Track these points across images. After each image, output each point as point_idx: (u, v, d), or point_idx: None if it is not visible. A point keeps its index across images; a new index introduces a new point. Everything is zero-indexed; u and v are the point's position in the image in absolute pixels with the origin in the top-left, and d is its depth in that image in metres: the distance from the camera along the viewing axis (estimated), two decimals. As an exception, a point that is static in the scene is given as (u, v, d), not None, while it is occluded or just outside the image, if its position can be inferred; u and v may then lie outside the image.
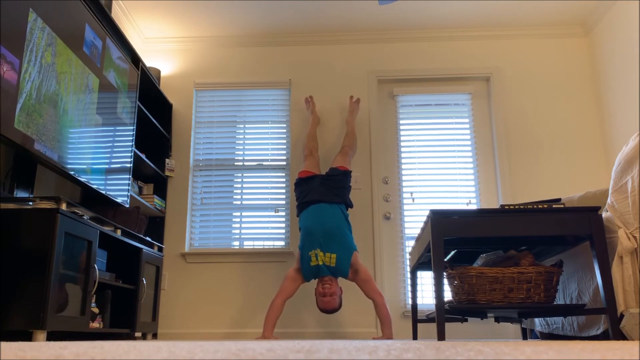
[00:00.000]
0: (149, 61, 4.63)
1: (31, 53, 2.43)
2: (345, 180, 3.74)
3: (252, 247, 4.30)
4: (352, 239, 3.56)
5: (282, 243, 4.30)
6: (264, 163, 4.46)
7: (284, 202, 4.36)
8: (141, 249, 3.43)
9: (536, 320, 3.02)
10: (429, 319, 2.93)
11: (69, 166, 2.75)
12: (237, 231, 4.34)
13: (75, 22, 2.86)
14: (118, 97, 3.40)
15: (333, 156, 4.28)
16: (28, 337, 2.38)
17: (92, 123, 3.04)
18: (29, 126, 2.41)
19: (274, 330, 3.47)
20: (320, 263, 3.43)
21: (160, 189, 4.29)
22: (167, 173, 4.30)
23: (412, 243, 3.94)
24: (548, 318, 2.85)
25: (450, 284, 2.45)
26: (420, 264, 3.09)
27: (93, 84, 3.05)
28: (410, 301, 4.04)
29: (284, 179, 4.41)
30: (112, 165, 3.28)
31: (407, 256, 4.18)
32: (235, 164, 4.47)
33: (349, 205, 3.70)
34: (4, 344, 1.54)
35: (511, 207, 2.29)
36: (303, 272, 3.48)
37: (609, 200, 2.28)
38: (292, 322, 4.07)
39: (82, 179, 2.88)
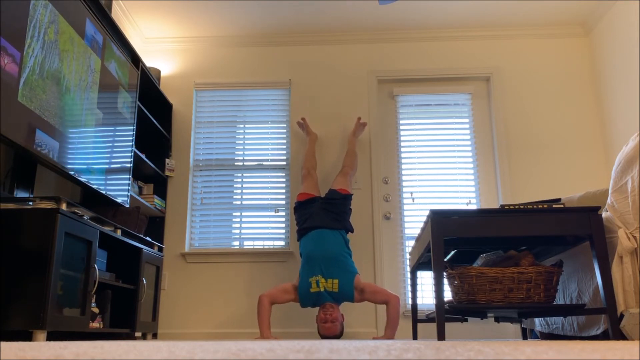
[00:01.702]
0: (149, 61, 4.63)
1: (34, 29, 2.45)
2: (345, 204, 3.71)
3: (252, 247, 4.30)
4: (353, 264, 3.54)
5: (282, 243, 4.30)
6: (264, 163, 4.46)
7: (284, 202, 4.36)
8: (141, 249, 3.43)
9: (536, 320, 3.02)
10: (429, 319, 2.93)
11: (69, 165, 2.74)
12: (237, 231, 4.34)
13: (75, 18, 2.87)
14: (119, 91, 3.40)
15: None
16: (28, 337, 2.38)
17: (93, 116, 3.04)
18: (32, 101, 2.42)
19: (270, 329, 3.46)
20: (322, 289, 3.41)
21: (160, 189, 4.29)
22: (167, 173, 4.30)
23: (412, 243, 3.94)
24: (548, 318, 2.85)
25: (450, 284, 2.45)
26: (420, 264, 3.08)
27: (95, 65, 3.07)
28: (410, 301, 4.04)
29: (284, 179, 4.41)
30: (112, 165, 3.28)
31: (407, 256, 4.18)
32: (235, 164, 4.47)
33: (350, 230, 3.68)
34: (4, 344, 1.54)
35: (511, 207, 2.29)
36: (300, 296, 3.46)
37: (609, 200, 2.28)
38: (292, 322, 4.07)
39: (82, 179, 2.88)
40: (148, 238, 3.66)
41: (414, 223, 4.32)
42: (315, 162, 4.09)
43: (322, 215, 3.61)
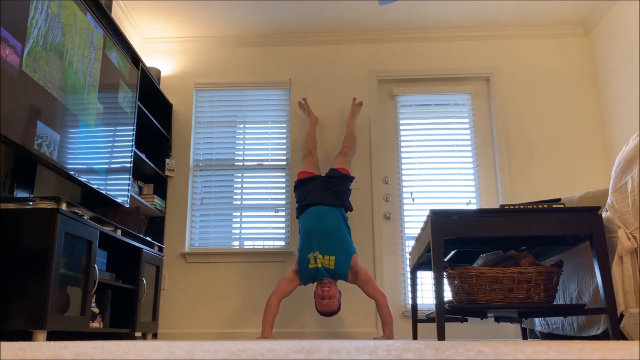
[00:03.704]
0: (149, 61, 4.63)
1: (37, 1, 2.47)
2: (345, 183, 3.73)
3: (252, 247, 4.30)
4: (352, 242, 3.56)
5: (282, 243, 4.30)
6: (264, 163, 4.46)
7: (284, 202, 4.36)
8: (141, 249, 3.43)
9: (536, 320, 3.02)
10: (429, 319, 2.93)
11: (69, 165, 2.74)
12: (237, 231, 4.34)
13: None
14: (119, 84, 3.41)
15: (333, 157, 4.29)
16: (28, 337, 2.38)
17: (94, 96, 3.04)
18: (35, 72, 2.44)
19: (272, 329, 3.47)
20: (319, 265, 3.42)
21: (160, 189, 4.29)
22: (167, 173, 4.30)
23: (412, 243, 3.94)
24: (548, 318, 2.85)
25: (450, 284, 2.45)
26: (420, 264, 3.08)
27: (98, 42, 3.09)
28: (410, 301, 4.04)
29: (284, 179, 4.41)
30: (112, 165, 3.28)
31: (407, 256, 4.18)
32: (235, 164, 4.47)
33: (349, 208, 3.70)
34: (4, 344, 1.54)
35: (511, 207, 2.29)
36: (300, 275, 3.47)
37: (609, 200, 2.28)
38: (292, 322, 4.07)
39: (82, 178, 2.88)
40: (148, 238, 3.66)
41: (414, 223, 4.32)
42: (316, 143, 4.11)
43: (321, 192, 3.63)
